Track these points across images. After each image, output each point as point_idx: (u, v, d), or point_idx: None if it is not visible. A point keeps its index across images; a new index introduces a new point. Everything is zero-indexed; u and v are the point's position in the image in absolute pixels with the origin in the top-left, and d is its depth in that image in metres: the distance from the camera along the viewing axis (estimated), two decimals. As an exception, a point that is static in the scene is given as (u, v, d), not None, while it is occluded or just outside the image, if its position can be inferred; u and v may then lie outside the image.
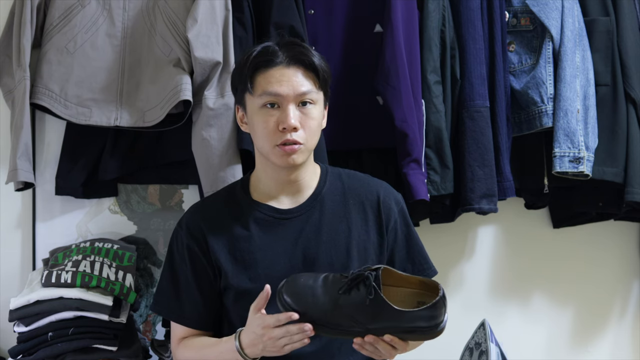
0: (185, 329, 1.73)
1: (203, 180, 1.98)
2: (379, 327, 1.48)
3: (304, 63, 1.65)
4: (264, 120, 1.64)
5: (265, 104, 1.64)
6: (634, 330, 2.41)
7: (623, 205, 2.14)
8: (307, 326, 1.49)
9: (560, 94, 2.08)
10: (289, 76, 1.63)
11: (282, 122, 1.62)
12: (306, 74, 1.65)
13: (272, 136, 1.63)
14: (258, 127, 1.65)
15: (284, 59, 1.65)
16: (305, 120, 1.64)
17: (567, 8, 2.12)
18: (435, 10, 2.08)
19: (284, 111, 1.63)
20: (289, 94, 1.62)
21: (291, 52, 1.65)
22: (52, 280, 1.90)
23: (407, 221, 1.78)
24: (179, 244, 1.73)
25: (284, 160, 1.64)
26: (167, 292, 1.74)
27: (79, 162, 2.10)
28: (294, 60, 1.65)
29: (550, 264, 2.37)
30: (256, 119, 1.65)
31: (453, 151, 2.09)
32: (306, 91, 1.64)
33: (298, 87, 1.63)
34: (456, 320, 2.30)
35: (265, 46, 1.67)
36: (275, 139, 1.63)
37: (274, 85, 1.63)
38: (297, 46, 1.68)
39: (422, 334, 1.49)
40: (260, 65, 1.65)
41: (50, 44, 2.03)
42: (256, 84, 1.65)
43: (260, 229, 1.70)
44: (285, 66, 1.64)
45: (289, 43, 1.68)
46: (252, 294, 1.65)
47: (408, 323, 1.47)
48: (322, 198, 1.73)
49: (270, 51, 1.66)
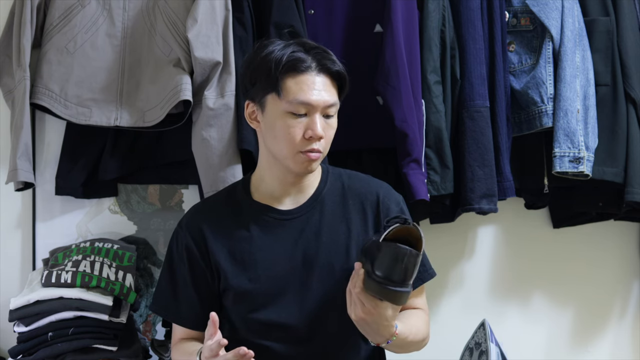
0: (184, 329, 1.74)
1: (203, 180, 1.98)
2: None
3: (331, 72, 1.65)
4: (290, 126, 1.62)
5: (293, 111, 1.62)
6: (634, 330, 2.41)
7: (623, 205, 2.14)
8: (241, 350, 1.47)
9: (560, 94, 2.08)
10: (320, 85, 1.63)
11: (310, 130, 1.61)
12: (332, 83, 1.66)
13: (297, 144, 1.62)
14: (280, 132, 1.63)
15: (313, 65, 1.63)
16: (327, 129, 1.65)
17: (567, 8, 2.11)
18: (435, 10, 2.08)
19: (311, 120, 1.62)
20: (319, 104, 1.62)
21: (320, 60, 1.64)
22: (52, 280, 1.90)
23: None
24: (179, 245, 1.73)
25: (303, 167, 1.64)
26: (165, 292, 1.74)
27: (79, 162, 2.10)
28: (323, 69, 1.64)
29: (550, 264, 2.37)
30: (280, 123, 1.63)
31: (453, 151, 2.08)
32: (333, 103, 1.64)
33: (327, 98, 1.63)
34: (456, 320, 2.31)
35: (294, 49, 1.64)
36: (300, 146, 1.62)
37: (306, 93, 1.61)
38: (324, 52, 1.66)
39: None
40: (291, 69, 1.62)
41: (50, 44, 2.03)
42: (286, 88, 1.62)
43: (261, 229, 1.70)
44: (316, 74, 1.63)
45: (314, 48, 1.66)
46: (252, 295, 1.66)
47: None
48: (322, 199, 1.73)
49: (300, 56, 1.63)
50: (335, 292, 1.66)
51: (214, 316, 1.51)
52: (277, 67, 1.62)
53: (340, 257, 1.68)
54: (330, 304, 1.67)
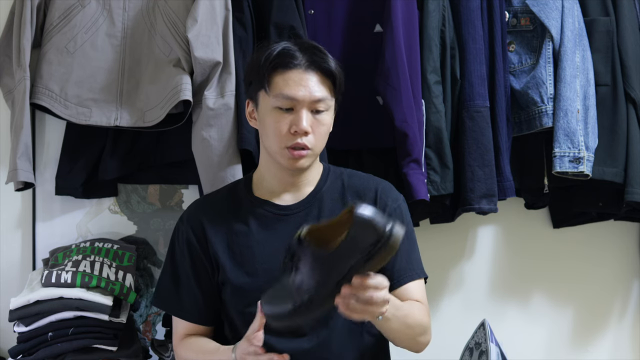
0: (187, 324, 1.74)
1: (203, 180, 1.99)
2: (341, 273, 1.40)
3: (321, 69, 1.65)
4: (276, 121, 1.64)
5: (280, 106, 1.64)
6: (634, 330, 2.41)
7: (623, 205, 2.14)
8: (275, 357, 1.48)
9: (560, 94, 2.08)
10: (306, 81, 1.64)
11: (294, 125, 1.62)
12: (323, 80, 1.66)
13: (282, 138, 1.63)
14: (269, 127, 1.66)
15: (303, 62, 1.65)
16: (316, 125, 1.65)
17: (567, 8, 2.11)
18: (435, 10, 2.08)
19: (297, 115, 1.63)
20: (305, 99, 1.63)
21: (311, 57, 1.65)
22: (52, 280, 1.90)
23: (404, 220, 1.75)
24: (180, 238, 1.75)
25: (290, 163, 1.65)
26: (168, 286, 1.76)
27: (79, 162, 2.10)
28: (313, 65, 1.65)
29: (550, 264, 2.37)
30: (268, 119, 1.66)
31: (453, 151, 2.09)
32: (321, 98, 1.64)
33: (314, 94, 1.63)
34: (456, 320, 2.31)
35: (285, 47, 1.66)
36: (286, 141, 1.63)
37: (292, 88, 1.63)
38: (317, 51, 1.67)
39: (380, 249, 1.38)
40: (278, 66, 1.64)
41: (50, 44, 2.03)
42: (273, 84, 1.64)
43: (260, 224, 1.71)
44: (303, 70, 1.64)
45: (309, 47, 1.68)
46: (249, 289, 1.67)
47: (357, 253, 1.39)
48: (321, 196, 1.73)
49: (290, 53, 1.65)
50: None
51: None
52: (265, 63, 1.65)
53: None
54: None
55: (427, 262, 1.80)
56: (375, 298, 1.40)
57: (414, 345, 1.69)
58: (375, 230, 1.36)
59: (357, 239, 1.38)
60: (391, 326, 1.57)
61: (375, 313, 1.45)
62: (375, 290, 1.40)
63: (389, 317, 1.51)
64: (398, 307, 1.57)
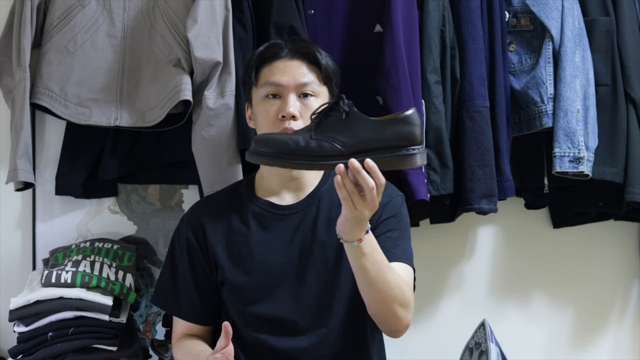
0: (185, 324, 1.75)
1: (203, 180, 1.99)
2: (360, 145, 1.39)
3: (307, 56, 1.69)
4: (265, 110, 1.68)
5: (267, 94, 1.68)
6: (634, 330, 2.41)
7: (623, 205, 2.14)
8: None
9: (560, 94, 2.08)
10: (291, 67, 1.68)
11: (281, 110, 1.65)
12: (309, 67, 1.70)
13: (271, 125, 1.66)
14: (260, 117, 1.70)
15: (288, 52, 1.70)
16: (305, 111, 1.66)
17: (567, 8, 2.12)
18: (435, 10, 2.08)
19: (284, 100, 1.66)
20: (290, 83, 1.67)
21: (296, 46, 1.71)
22: (52, 280, 1.90)
23: (399, 218, 1.72)
24: (180, 237, 1.77)
25: None
26: (167, 285, 1.77)
27: (79, 162, 2.10)
28: (298, 54, 1.70)
29: (550, 264, 2.37)
30: (258, 110, 1.70)
31: (453, 151, 2.09)
32: (307, 82, 1.67)
33: (299, 78, 1.67)
34: (456, 320, 2.31)
35: (273, 42, 1.74)
36: (275, 128, 1.65)
37: (276, 75, 1.68)
38: (303, 42, 1.73)
39: (401, 150, 1.39)
40: (265, 58, 1.70)
41: (50, 44, 2.03)
42: (260, 76, 1.70)
43: (259, 224, 1.72)
44: (289, 58, 1.69)
45: (296, 40, 1.75)
46: (247, 288, 1.67)
47: (387, 135, 1.39)
48: (320, 195, 1.74)
49: (276, 46, 1.72)
50: (330, 287, 1.66)
51: (227, 326, 1.48)
52: (253, 59, 1.72)
53: (333, 253, 1.68)
54: (326, 298, 1.67)
55: (427, 262, 1.80)
56: (370, 184, 1.37)
57: (391, 318, 1.57)
58: (415, 137, 1.40)
59: (397, 131, 1.40)
60: (366, 266, 1.49)
61: (358, 213, 1.40)
62: (377, 179, 1.38)
63: (364, 252, 1.47)
64: (377, 251, 1.51)
